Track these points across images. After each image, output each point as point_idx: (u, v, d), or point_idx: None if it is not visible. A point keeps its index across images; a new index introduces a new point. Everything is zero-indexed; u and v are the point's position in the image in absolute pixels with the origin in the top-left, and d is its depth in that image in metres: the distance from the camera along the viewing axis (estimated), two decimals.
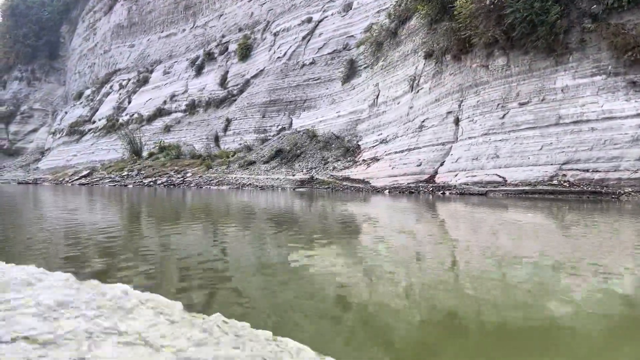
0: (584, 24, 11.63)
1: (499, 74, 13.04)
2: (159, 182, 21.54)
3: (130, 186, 21.33)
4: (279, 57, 26.45)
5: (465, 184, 12.06)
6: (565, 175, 10.46)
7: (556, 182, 10.44)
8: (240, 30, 31.83)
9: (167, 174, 23.00)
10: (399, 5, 18.79)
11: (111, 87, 42.04)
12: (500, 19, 12.49)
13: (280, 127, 24.21)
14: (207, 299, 2.23)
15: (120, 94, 40.06)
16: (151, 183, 21.65)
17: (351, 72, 21.96)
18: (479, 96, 13.43)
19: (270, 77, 26.12)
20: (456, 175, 12.66)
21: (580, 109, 11.04)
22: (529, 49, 12.28)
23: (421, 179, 13.48)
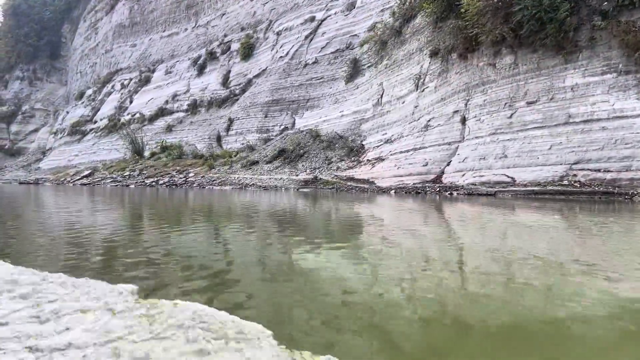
0: (594, 21, 11.42)
1: (506, 72, 12.84)
2: (161, 182, 21.38)
3: (132, 186, 21.17)
4: (281, 57, 26.29)
5: (473, 184, 11.87)
6: (576, 176, 10.26)
7: (566, 183, 10.24)
8: (242, 30, 31.68)
9: (169, 174, 22.84)
10: (403, 3, 18.61)
11: (113, 87, 41.93)
12: (508, 16, 12.30)
13: (283, 126, 24.04)
14: (211, 300, 2.18)
15: (121, 93, 39.94)
16: (153, 183, 21.49)
17: (355, 71, 21.78)
18: (486, 95, 13.24)
19: (272, 77, 25.96)
20: (463, 175, 12.46)
21: (590, 107, 10.83)
22: (538, 47, 12.08)
23: (427, 179, 13.29)
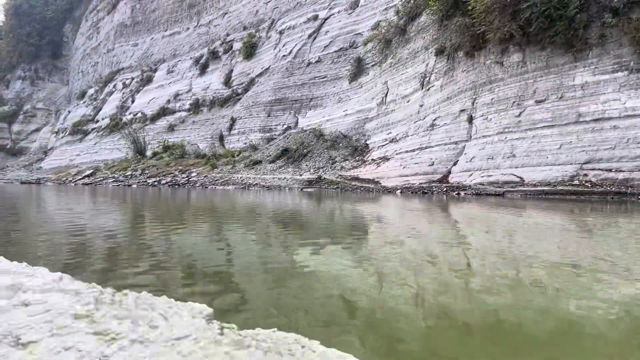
0: (604, 18, 11.21)
1: (514, 70, 12.65)
2: (163, 182, 21.22)
3: (134, 186, 21.01)
4: (284, 56, 26.11)
5: (481, 184, 11.68)
6: (587, 175, 10.06)
7: (577, 183, 10.04)
8: (244, 29, 31.51)
9: (172, 173, 22.68)
10: (407, 2, 18.42)
11: (114, 86, 41.80)
12: (516, 13, 12.11)
13: (286, 126, 23.86)
14: (213, 300, 2.15)
15: (123, 93, 39.81)
16: (155, 183, 21.33)
17: (358, 70, 21.59)
18: (493, 94, 13.05)
19: (275, 76, 25.78)
20: (471, 175, 12.27)
21: (601, 106, 10.64)
22: (546, 45, 11.88)
23: (434, 179, 13.10)
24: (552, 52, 11.85)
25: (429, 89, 15.78)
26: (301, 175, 17.46)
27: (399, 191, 13.28)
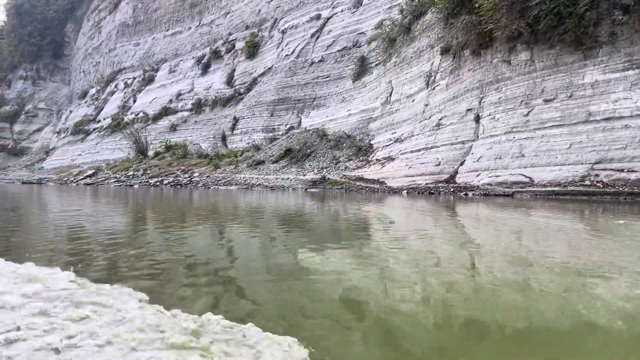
0: (614, 16, 11.02)
1: (522, 69, 12.47)
2: (165, 182, 21.06)
3: (136, 186, 20.86)
4: (287, 55, 25.95)
5: (489, 184, 11.49)
6: (598, 176, 9.87)
7: (588, 183, 9.85)
8: (247, 28, 31.37)
9: (174, 173, 22.52)
10: (412, 0, 18.25)
11: (116, 86, 41.69)
12: (524, 11, 11.92)
13: (289, 126, 23.70)
14: (216, 301, 2.12)
15: (125, 92, 39.70)
16: (157, 183, 21.18)
17: (362, 69, 21.42)
18: (500, 93, 12.86)
19: (278, 75, 25.62)
20: (478, 175, 12.08)
21: (612, 105, 10.44)
22: (555, 43, 11.69)
23: (440, 179, 12.92)
24: (561, 50, 11.66)
25: (434, 88, 15.60)
26: (305, 175, 17.29)
27: (405, 191, 13.10)
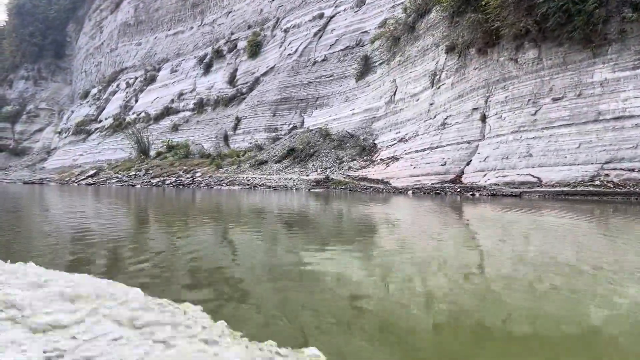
0: (624, 13, 10.84)
1: (529, 67, 12.29)
2: (167, 182, 20.93)
3: (138, 186, 20.73)
4: (289, 54, 25.80)
5: (496, 184, 11.32)
6: (609, 175, 9.69)
7: (598, 183, 9.67)
8: (249, 28, 31.22)
9: (176, 173, 22.39)
10: None
11: (118, 86, 41.58)
12: (532, 8, 11.75)
13: (291, 125, 23.54)
14: (218, 301, 2.11)
15: (127, 92, 39.58)
16: (159, 183, 21.05)
17: (365, 68, 21.25)
18: (507, 91, 12.69)
19: (281, 75, 25.47)
20: (485, 175, 11.91)
21: (622, 104, 10.26)
22: (564, 41, 11.51)
23: (446, 179, 12.75)
24: (569, 48, 11.48)
25: (439, 87, 15.43)
26: (308, 175, 17.13)
27: (410, 192, 12.93)
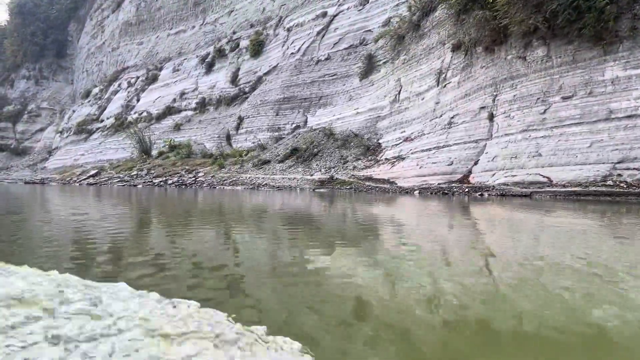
0: (635, 10, 10.64)
1: (538, 65, 12.09)
2: (169, 182, 20.76)
3: (139, 186, 20.56)
4: (292, 53, 25.61)
5: (505, 184, 11.12)
6: (621, 175, 9.49)
7: (611, 183, 9.47)
8: (251, 27, 31.04)
9: (178, 173, 22.22)
10: None
11: (119, 85, 41.42)
12: (541, 5, 11.56)
13: (294, 125, 23.36)
14: (220, 302, 2.08)
15: (128, 92, 39.42)
16: (161, 183, 20.87)
17: (369, 67, 21.06)
18: (515, 90, 12.49)
19: (283, 74, 25.29)
20: (493, 175, 11.72)
21: (634, 102, 10.06)
22: (573, 38, 11.31)
23: (453, 179, 12.55)
24: (579, 46, 11.29)
25: (445, 85, 15.23)
26: (312, 175, 16.95)
27: (417, 192, 12.74)
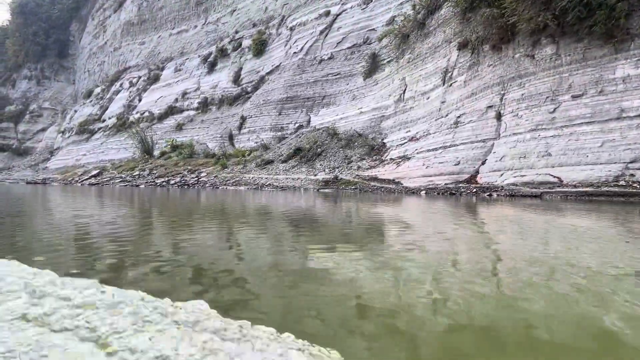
0: None
1: (546, 64, 11.89)
2: (172, 182, 20.60)
3: (142, 186, 20.41)
4: (295, 53, 25.43)
5: (514, 184, 10.93)
6: (634, 175, 9.29)
7: (623, 183, 9.27)
8: (254, 26, 30.88)
9: (180, 173, 22.06)
10: None
11: (121, 85, 41.31)
12: (550, 3, 11.36)
13: (298, 124, 23.18)
14: (222, 302, 2.05)
15: (130, 91, 39.30)
16: (164, 183, 20.72)
17: (373, 66, 20.87)
18: (523, 89, 12.29)
19: (286, 73, 25.11)
20: (502, 175, 11.52)
21: None
22: (583, 36, 11.11)
23: (460, 179, 12.36)
24: (589, 44, 11.08)
25: (451, 84, 15.04)
26: (316, 175, 16.76)
27: (423, 192, 12.55)
